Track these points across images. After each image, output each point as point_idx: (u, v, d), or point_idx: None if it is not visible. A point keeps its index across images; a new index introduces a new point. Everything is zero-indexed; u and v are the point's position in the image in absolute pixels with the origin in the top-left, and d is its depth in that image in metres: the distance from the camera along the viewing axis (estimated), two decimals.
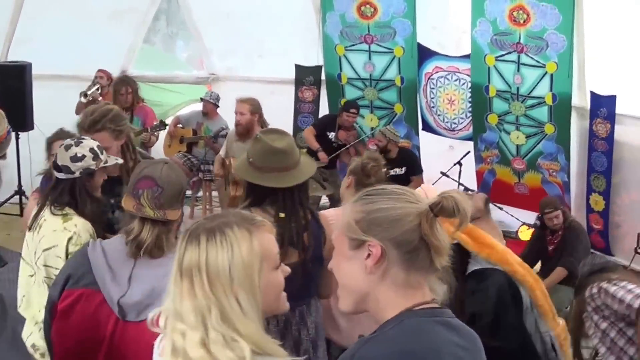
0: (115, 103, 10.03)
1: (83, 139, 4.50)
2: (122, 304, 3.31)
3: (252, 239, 2.39)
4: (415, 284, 2.33)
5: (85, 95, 10.52)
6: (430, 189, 4.61)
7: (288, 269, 2.56)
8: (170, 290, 2.40)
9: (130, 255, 3.46)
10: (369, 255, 2.30)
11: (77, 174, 4.30)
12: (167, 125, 10.28)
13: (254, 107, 8.97)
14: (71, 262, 3.63)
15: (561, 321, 4.38)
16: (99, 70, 11.05)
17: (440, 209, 2.27)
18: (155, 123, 10.15)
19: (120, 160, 4.86)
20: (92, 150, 4.38)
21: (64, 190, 4.32)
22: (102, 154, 4.45)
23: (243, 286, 2.32)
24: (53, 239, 4.19)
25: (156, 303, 2.79)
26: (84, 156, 4.32)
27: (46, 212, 4.32)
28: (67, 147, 4.35)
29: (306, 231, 4.24)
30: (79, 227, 4.21)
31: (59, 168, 4.32)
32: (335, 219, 4.34)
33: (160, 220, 3.48)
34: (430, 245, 2.28)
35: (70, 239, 4.16)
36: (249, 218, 2.49)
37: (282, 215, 4.12)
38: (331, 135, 10.93)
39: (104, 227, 4.59)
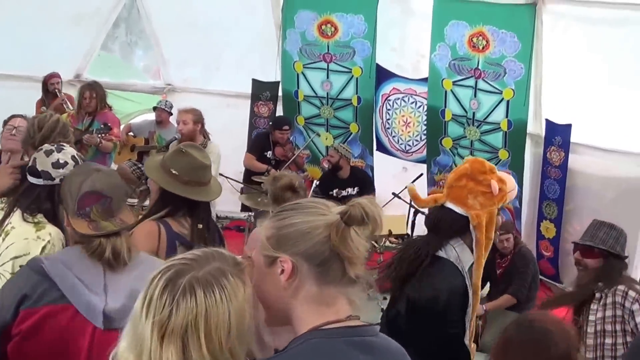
0: (78, 107, 9.90)
1: (63, 145, 4.36)
2: (107, 312, 3.19)
3: (245, 288, 2.27)
4: (329, 300, 2.29)
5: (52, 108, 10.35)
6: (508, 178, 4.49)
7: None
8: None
9: (101, 268, 3.33)
10: (282, 271, 2.27)
11: (57, 181, 4.14)
12: (110, 128, 10.02)
13: (197, 117, 8.91)
14: (22, 282, 3.31)
15: None
16: (52, 77, 10.87)
17: (349, 217, 2.23)
18: (100, 126, 9.93)
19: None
20: (74, 157, 4.26)
21: (39, 197, 4.16)
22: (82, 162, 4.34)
23: (239, 337, 2.21)
24: (24, 247, 4.00)
25: None
26: (66, 163, 4.19)
27: (15, 219, 4.14)
28: (48, 153, 4.21)
29: (222, 243, 4.56)
30: (53, 236, 4.07)
31: (37, 173, 4.16)
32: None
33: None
34: (342, 255, 2.24)
35: (44, 248, 4.02)
36: (237, 262, 2.33)
37: (200, 226, 4.39)
38: (269, 154, 10.84)
39: None
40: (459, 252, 4.26)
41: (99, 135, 9.74)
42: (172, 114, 10.99)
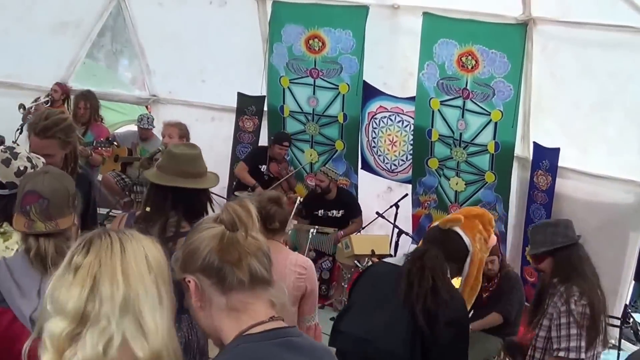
0: (73, 116, 9.86)
1: (14, 148, 4.29)
2: (34, 319, 3.10)
3: (152, 240, 2.34)
4: (240, 306, 2.31)
5: (24, 108, 10.28)
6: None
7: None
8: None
9: (37, 270, 3.33)
10: (189, 292, 2.34)
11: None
12: (113, 143, 9.94)
13: (182, 132, 8.82)
14: None
15: None
16: (56, 84, 11.13)
17: (221, 222, 2.31)
18: (101, 139, 9.83)
19: (43, 160, 4.64)
20: (29, 159, 4.26)
21: (6, 208, 4.01)
22: (38, 159, 4.35)
23: (162, 276, 2.25)
24: None
25: None
26: (25, 168, 4.18)
27: None
28: (7, 162, 4.17)
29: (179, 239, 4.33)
30: (20, 244, 3.90)
31: (1, 185, 4.13)
32: None
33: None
34: (224, 261, 2.28)
35: None
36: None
37: (148, 209, 4.40)
38: (263, 168, 10.84)
39: None
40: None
41: (101, 148, 9.66)
42: (154, 127, 10.89)
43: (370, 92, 10.90)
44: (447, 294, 4.07)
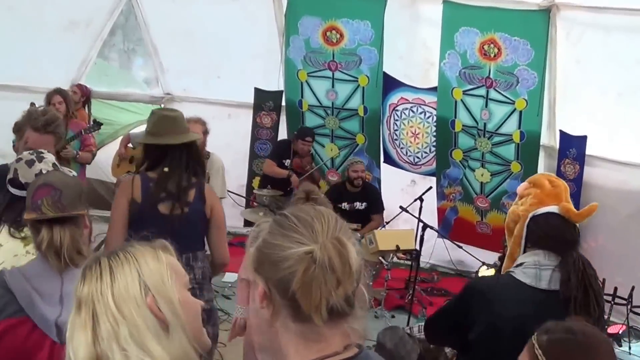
0: None
1: (43, 154, 4.44)
2: (60, 324, 3.17)
3: (156, 251, 2.29)
4: (313, 336, 2.08)
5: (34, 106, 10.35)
6: None
7: (203, 303, 2.47)
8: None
9: (55, 269, 3.36)
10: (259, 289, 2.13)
11: None
12: (100, 124, 9.90)
13: (205, 127, 8.75)
14: None
15: None
16: (76, 85, 11.08)
17: (313, 259, 2.00)
18: (86, 126, 9.80)
19: (74, 174, 4.73)
20: (54, 165, 4.36)
21: (24, 209, 4.00)
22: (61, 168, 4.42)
23: (161, 295, 2.18)
24: (15, 263, 3.99)
25: None
26: (48, 172, 4.20)
27: (2, 236, 4.16)
28: (30, 163, 4.29)
29: (191, 189, 5.16)
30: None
31: (20, 185, 4.21)
32: None
33: (69, 220, 3.44)
34: (299, 301, 2.00)
35: None
36: (151, 243, 2.37)
37: (166, 169, 5.07)
38: (287, 162, 10.90)
39: None
40: None
41: (90, 134, 9.65)
42: None
43: (390, 84, 10.99)
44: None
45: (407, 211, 10.15)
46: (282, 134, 11.97)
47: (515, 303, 3.80)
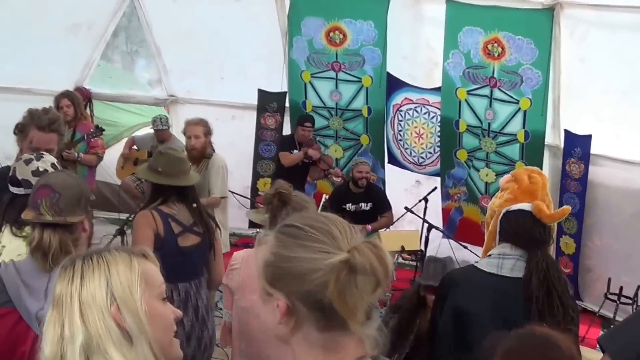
0: None
1: (43, 154, 4.56)
2: (39, 317, 3.21)
3: (131, 259, 2.29)
4: (334, 346, 2.07)
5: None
6: None
7: (180, 313, 2.46)
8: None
9: (40, 269, 3.43)
10: (278, 305, 2.08)
11: None
12: (102, 130, 9.96)
13: (207, 129, 8.75)
14: None
15: None
16: (75, 89, 10.98)
17: (351, 267, 1.98)
18: (90, 130, 9.86)
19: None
20: (53, 165, 4.46)
21: (24, 207, 4.13)
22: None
23: (126, 306, 2.19)
24: None
25: None
26: (46, 170, 4.34)
27: (5, 236, 4.24)
28: (28, 161, 4.40)
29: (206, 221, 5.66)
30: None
31: (17, 182, 4.31)
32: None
33: (61, 225, 3.51)
34: (337, 309, 1.98)
35: None
36: (130, 248, 2.40)
37: (194, 205, 5.59)
38: (295, 152, 10.97)
39: None
40: None
41: (95, 139, 9.73)
42: (169, 127, 11.03)
43: (394, 84, 11.01)
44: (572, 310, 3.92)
45: (412, 212, 10.16)
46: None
47: (477, 289, 3.98)
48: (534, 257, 3.89)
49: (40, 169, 4.36)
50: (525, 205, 4.03)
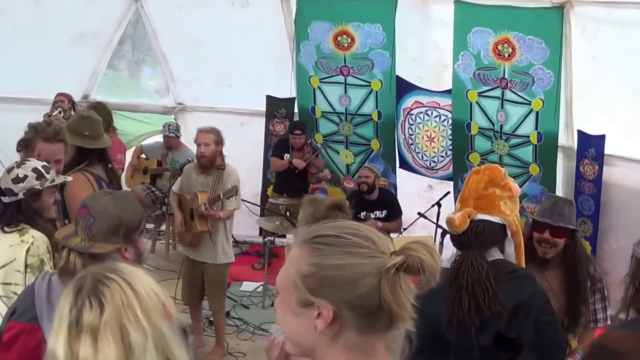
0: None
1: (27, 160, 4.66)
2: None
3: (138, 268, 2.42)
4: (369, 349, 2.14)
5: (49, 117, 10.42)
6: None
7: None
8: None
9: (64, 286, 3.33)
10: (319, 314, 2.10)
11: (20, 195, 4.43)
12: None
13: (218, 138, 8.75)
14: (22, 294, 3.62)
15: None
16: (59, 94, 11.05)
17: (406, 268, 2.06)
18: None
19: (69, 179, 5.00)
20: (35, 169, 4.53)
21: (12, 215, 4.42)
22: (47, 173, 4.59)
23: (172, 305, 2.37)
24: (11, 254, 4.28)
25: None
26: (25, 176, 4.47)
27: None
28: (9, 170, 4.51)
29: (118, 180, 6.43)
30: (36, 237, 4.34)
31: (2, 192, 4.43)
32: None
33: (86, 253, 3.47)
34: (390, 311, 2.06)
35: (28, 250, 4.28)
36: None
37: (110, 165, 6.22)
38: (286, 157, 11.08)
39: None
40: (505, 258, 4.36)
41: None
42: (179, 136, 11.03)
43: (404, 87, 10.96)
44: (490, 308, 4.04)
45: (425, 217, 10.10)
46: None
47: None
48: (459, 258, 4.21)
49: (20, 175, 4.46)
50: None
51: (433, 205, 10.30)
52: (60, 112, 10.63)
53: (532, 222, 5.65)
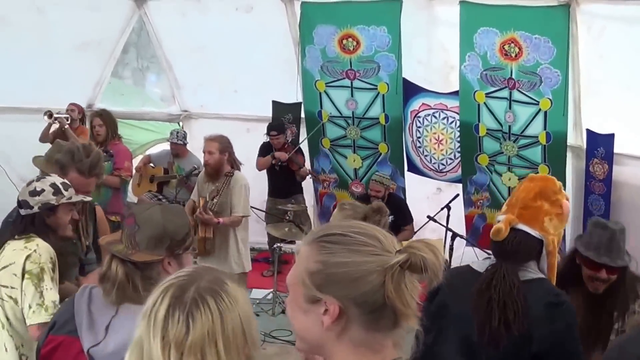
0: (90, 138, 9.98)
1: (47, 175, 4.72)
2: (92, 354, 3.22)
3: (243, 292, 2.40)
4: (376, 345, 2.20)
5: (51, 115, 10.45)
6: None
7: None
8: None
9: (106, 300, 3.36)
10: (326, 310, 2.17)
11: (35, 209, 4.48)
12: (112, 155, 10.00)
13: (223, 146, 8.75)
14: (61, 307, 3.65)
15: None
16: (71, 104, 11.09)
17: (409, 266, 2.11)
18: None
19: (88, 198, 5.03)
20: (53, 185, 4.57)
21: (26, 226, 4.48)
22: (65, 190, 4.62)
23: (252, 342, 2.32)
24: (11, 257, 4.35)
25: None
26: (42, 190, 4.52)
27: (6, 248, 4.46)
28: (29, 183, 4.58)
29: None
30: (40, 246, 4.38)
31: (19, 204, 4.51)
32: None
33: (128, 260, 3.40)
34: (394, 308, 2.13)
35: (28, 256, 4.32)
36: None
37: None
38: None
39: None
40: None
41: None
42: (186, 143, 11.04)
43: (411, 90, 10.94)
44: (518, 329, 3.93)
45: (434, 220, 10.04)
46: (303, 147, 11.93)
47: (461, 283, 4.18)
48: (492, 268, 4.12)
49: (38, 189, 4.51)
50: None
51: (442, 209, 10.29)
52: (67, 117, 10.64)
53: (584, 258, 4.90)
